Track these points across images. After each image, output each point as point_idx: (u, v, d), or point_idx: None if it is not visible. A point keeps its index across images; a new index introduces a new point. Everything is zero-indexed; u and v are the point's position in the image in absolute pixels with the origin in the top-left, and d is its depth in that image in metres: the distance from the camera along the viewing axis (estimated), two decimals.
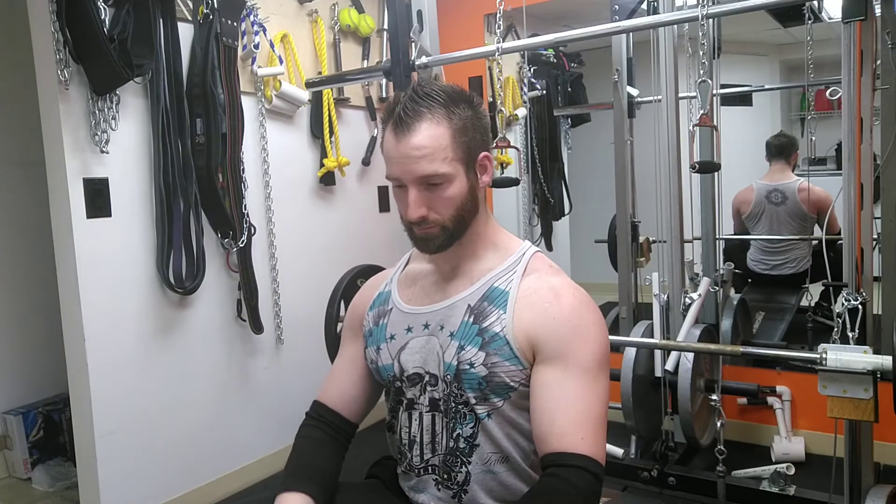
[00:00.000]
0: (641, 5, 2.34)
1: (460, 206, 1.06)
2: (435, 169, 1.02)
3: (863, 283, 1.68)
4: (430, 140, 1.02)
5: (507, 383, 1.04)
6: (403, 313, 1.15)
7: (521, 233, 3.19)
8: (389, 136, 1.05)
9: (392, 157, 1.05)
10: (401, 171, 1.04)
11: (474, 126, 1.07)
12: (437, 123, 1.02)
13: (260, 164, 2.47)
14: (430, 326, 1.11)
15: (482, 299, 1.08)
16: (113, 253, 2.02)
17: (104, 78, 1.89)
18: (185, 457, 2.25)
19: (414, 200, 1.04)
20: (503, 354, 1.04)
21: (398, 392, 1.14)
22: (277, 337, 2.55)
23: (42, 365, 2.68)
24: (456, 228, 1.07)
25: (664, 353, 2.14)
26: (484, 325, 1.06)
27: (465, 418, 1.07)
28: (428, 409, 1.10)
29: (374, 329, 1.18)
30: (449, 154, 1.03)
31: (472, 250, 1.12)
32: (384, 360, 1.15)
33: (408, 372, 1.12)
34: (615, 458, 2.30)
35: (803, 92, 2.66)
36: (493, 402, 1.06)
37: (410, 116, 1.02)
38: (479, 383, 1.05)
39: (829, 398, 1.53)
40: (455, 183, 1.05)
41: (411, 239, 1.10)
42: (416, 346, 1.11)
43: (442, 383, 1.08)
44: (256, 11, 2.36)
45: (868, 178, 1.67)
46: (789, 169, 2.95)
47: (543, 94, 3.13)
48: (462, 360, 1.05)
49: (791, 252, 2.96)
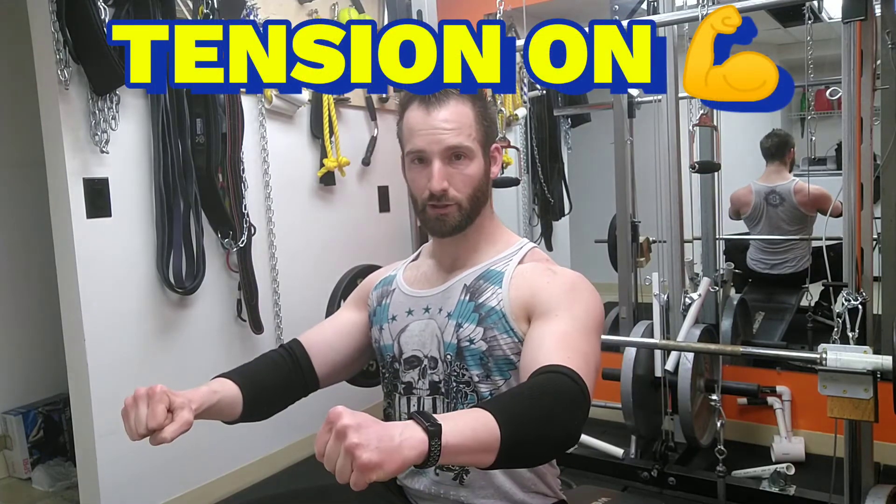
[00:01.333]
0: (641, 5, 2.35)
1: (477, 186, 1.09)
2: (462, 141, 1.06)
3: (863, 283, 1.68)
4: (459, 115, 1.07)
5: (507, 356, 1.05)
6: (406, 295, 1.17)
7: (521, 233, 3.18)
8: (417, 111, 1.08)
9: (418, 130, 1.07)
10: (428, 143, 1.06)
11: (489, 116, 1.13)
12: (464, 104, 1.08)
13: (260, 164, 2.47)
14: (430, 310, 1.12)
15: (478, 278, 1.11)
16: (113, 253, 2.02)
17: (104, 78, 1.89)
18: (185, 457, 2.24)
19: (438, 171, 1.05)
20: (500, 328, 1.05)
21: (394, 375, 1.15)
22: (277, 337, 2.55)
23: (42, 365, 2.68)
24: (471, 210, 1.09)
25: (664, 353, 2.14)
26: (480, 300, 1.08)
27: (467, 398, 1.07)
28: (428, 393, 1.11)
29: (378, 309, 1.20)
30: (473, 132, 1.08)
31: (475, 242, 1.14)
32: (385, 340, 1.16)
33: (406, 354, 1.13)
34: (615, 458, 2.31)
35: (803, 92, 2.66)
36: (495, 381, 1.06)
37: (441, 94, 1.07)
38: (482, 358, 1.06)
39: (829, 398, 1.53)
40: (475, 162, 1.08)
41: (424, 222, 1.11)
42: (415, 329, 1.13)
43: (442, 364, 1.09)
44: (256, 11, 2.36)
45: (868, 178, 1.67)
46: (786, 169, 2.95)
47: (543, 94, 3.13)
48: (462, 338, 1.07)
49: (791, 252, 2.97)
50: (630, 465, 2.25)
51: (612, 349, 2.46)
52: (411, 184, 1.12)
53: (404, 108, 1.11)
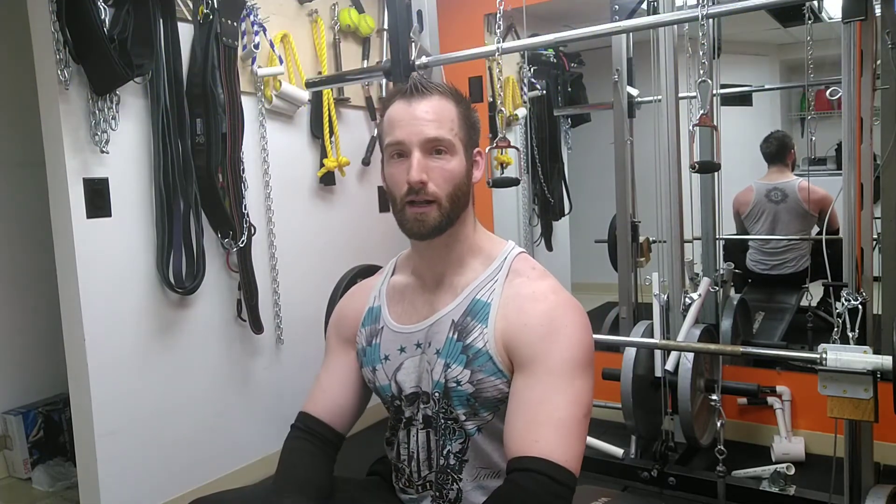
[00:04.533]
0: (641, 5, 2.34)
1: (458, 185, 1.05)
2: (443, 134, 1.04)
3: (863, 283, 1.68)
4: (441, 109, 1.05)
5: (495, 397, 1.04)
6: (395, 332, 1.13)
7: (521, 233, 3.19)
8: (399, 105, 1.06)
9: (399, 121, 1.05)
10: (408, 134, 1.03)
11: (472, 119, 1.11)
12: (448, 100, 1.07)
13: (260, 164, 2.47)
14: (422, 345, 1.10)
15: (465, 314, 1.07)
16: (113, 253, 2.02)
17: (104, 78, 1.89)
18: (185, 457, 2.25)
19: (417, 162, 1.02)
20: (487, 370, 1.03)
21: (398, 410, 1.14)
22: (277, 337, 2.55)
23: (42, 365, 2.68)
24: (451, 210, 1.05)
25: (664, 353, 2.14)
26: (468, 341, 1.05)
27: (455, 434, 1.07)
28: (422, 427, 1.10)
29: (368, 349, 1.16)
30: (455, 128, 1.06)
31: (459, 256, 1.10)
32: (381, 381, 1.14)
33: (406, 392, 1.11)
34: (615, 458, 2.31)
35: (803, 92, 2.66)
36: (483, 416, 1.05)
37: (425, 87, 1.06)
38: (468, 400, 1.04)
39: (829, 398, 1.53)
40: (456, 158, 1.06)
41: (402, 223, 1.07)
42: (410, 366, 1.11)
43: (432, 401, 1.08)
44: (256, 11, 2.36)
45: (868, 178, 1.67)
46: (788, 169, 2.95)
47: (543, 94, 3.13)
48: (449, 378, 1.05)
49: (791, 252, 2.96)
50: (630, 465, 2.24)
51: (612, 349, 2.46)
52: (389, 180, 1.08)
53: (386, 107, 1.09)
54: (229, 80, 2.20)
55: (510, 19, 2.51)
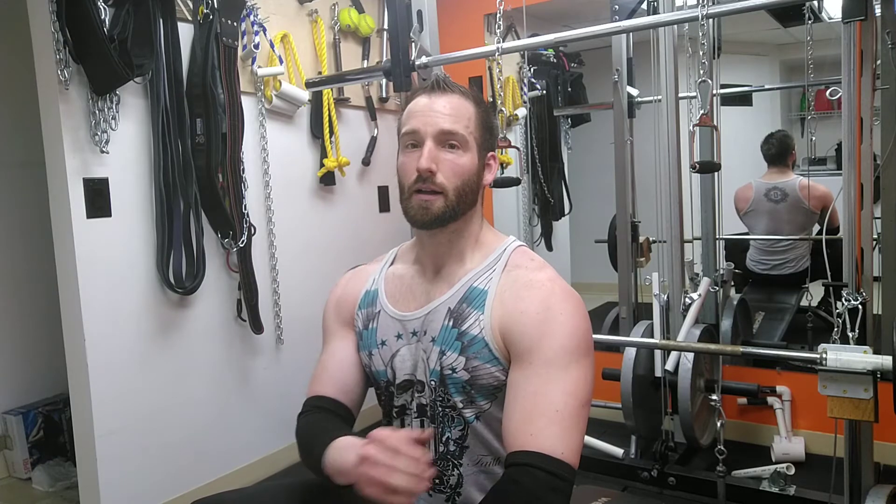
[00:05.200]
0: (641, 5, 2.34)
1: (466, 181, 1.07)
2: (458, 129, 1.06)
3: (863, 283, 1.68)
4: (459, 106, 1.08)
5: (491, 384, 1.04)
6: (392, 318, 1.13)
7: (521, 233, 3.19)
8: (420, 99, 1.09)
9: (417, 112, 1.07)
10: (423, 124, 1.06)
11: (490, 125, 1.13)
12: (468, 100, 1.10)
13: (260, 164, 2.47)
14: (417, 333, 1.10)
15: (461, 301, 1.07)
16: (113, 253, 2.02)
17: (104, 78, 1.89)
18: (185, 457, 2.25)
19: (429, 151, 1.04)
20: (483, 357, 1.03)
21: (389, 398, 1.14)
22: (277, 337, 2.55)
23: (42, 365, 2.68)
24: (455, 203, 1.06)
25: (664, 353, 2.14)
26: (463, 328, 1.05)
27: (454, 421, 1.07)
28: (416, 416, 1.10)
29: (365, 333, 1.17)
30: (471, 127, 1.08)
31: (460, 249, 1.11)
32: (377, 366, 1.14)
33: (399, 379, 1.12)
34: (615, 458, 2.31)
35: (803, 92, 2.66)
36: (480, 405, 1.06)
37: (447, 86, 1.09)
38: (464, 387, 1.05)
39: (829, 398, 1.53)
40: (468, 155, 1.07)
41: (407, 211, 1.07)
42: (406, 353, 1.11)
43: (428, 389, 1.08)
44: (256, 11, 2.36)
45: (868, 178, 1.67)
46: (788, 169, 2.95)
47: (543, 94, 3.13)
48: (445, 366, 1.05)
49: (790, 251, 2.97)
50: (630, 465, 2.24)
51: (612, 349, 2.46)
52: (400, 169, 1.09)
53: (409, 101, 1.11)
54: (229, 80, 2.20)
55: (510, 19, 2.51)
